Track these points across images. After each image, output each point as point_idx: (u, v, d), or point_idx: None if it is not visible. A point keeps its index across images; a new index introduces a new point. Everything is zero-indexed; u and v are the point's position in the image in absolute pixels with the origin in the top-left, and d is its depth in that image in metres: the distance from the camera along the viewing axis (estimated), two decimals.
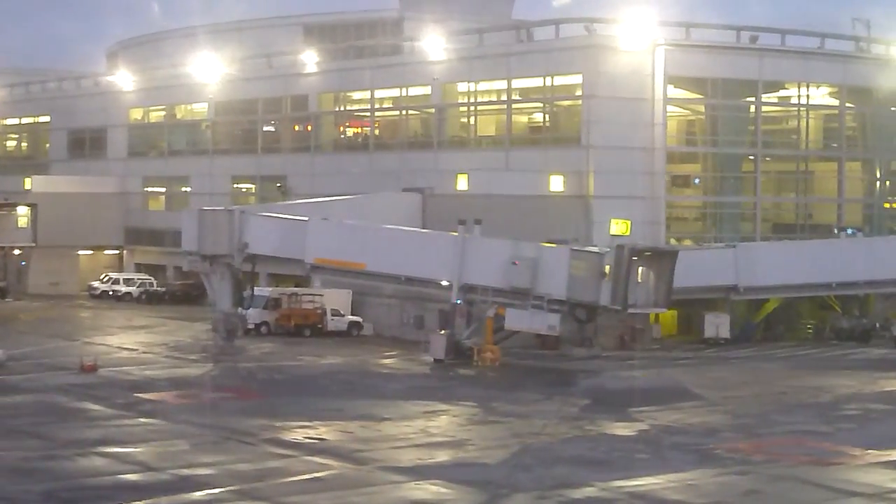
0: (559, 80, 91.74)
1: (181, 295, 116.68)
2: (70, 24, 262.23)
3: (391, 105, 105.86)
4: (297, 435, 52.48)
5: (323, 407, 59.60)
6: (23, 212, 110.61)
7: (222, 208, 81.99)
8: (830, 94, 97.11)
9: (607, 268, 70.57)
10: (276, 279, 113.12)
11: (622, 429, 55.49)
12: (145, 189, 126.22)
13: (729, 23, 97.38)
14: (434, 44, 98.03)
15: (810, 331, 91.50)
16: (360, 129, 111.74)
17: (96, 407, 58.96)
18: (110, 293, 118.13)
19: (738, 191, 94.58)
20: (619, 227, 74.22)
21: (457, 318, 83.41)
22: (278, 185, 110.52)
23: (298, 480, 44.16)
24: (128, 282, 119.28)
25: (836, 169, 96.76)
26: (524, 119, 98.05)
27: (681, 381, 70.79)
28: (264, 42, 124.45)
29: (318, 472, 45.65)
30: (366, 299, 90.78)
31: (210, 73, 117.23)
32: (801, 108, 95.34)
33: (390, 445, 51.01)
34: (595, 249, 72.80)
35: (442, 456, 48.78)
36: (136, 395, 62.60)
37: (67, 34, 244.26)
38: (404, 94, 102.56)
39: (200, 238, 79.56)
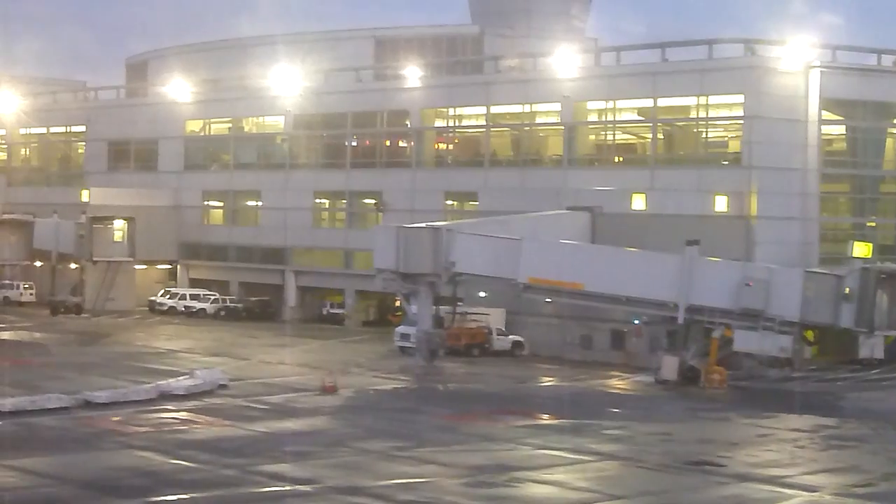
0: (714, 100, 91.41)
1: (259, 311, 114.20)
2: (74, 34, 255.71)
3: (511, 122, 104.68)
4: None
5: (646, 430, 58.70)
6: (119, 225, 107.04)
7: (424, 225, 79.96)
8: None
9: (847, 289, 70.62)
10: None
11: None
12: (205, 203, 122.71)
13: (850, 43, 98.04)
14: (564, 61, 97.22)
15: None
16: (444, 145, 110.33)
17: (424, 431, 57.21)
18: (181, 309, 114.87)
19: (873, 212, 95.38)
20: (861, 249, 74.43)
21: (634, 338, 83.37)
22: (375, 201, 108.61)
23: None
24: (195, 297, 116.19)
25: None
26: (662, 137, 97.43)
27: None
28: (330, 56, 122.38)
29: (785, 500, 44.88)
30: (518, 318, 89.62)
31: (286, 85, 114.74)
32: None
33: (800, 471, 50.39)
34: (829, 271, 72.88)
35: (880, 483, 48.17)
36: (433, 415, 60.97)
37: (71, 44, 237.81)
38: (526, 110, 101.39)
39: (399, 256, 77.74)
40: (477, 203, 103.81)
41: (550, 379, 77.26)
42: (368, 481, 45.81)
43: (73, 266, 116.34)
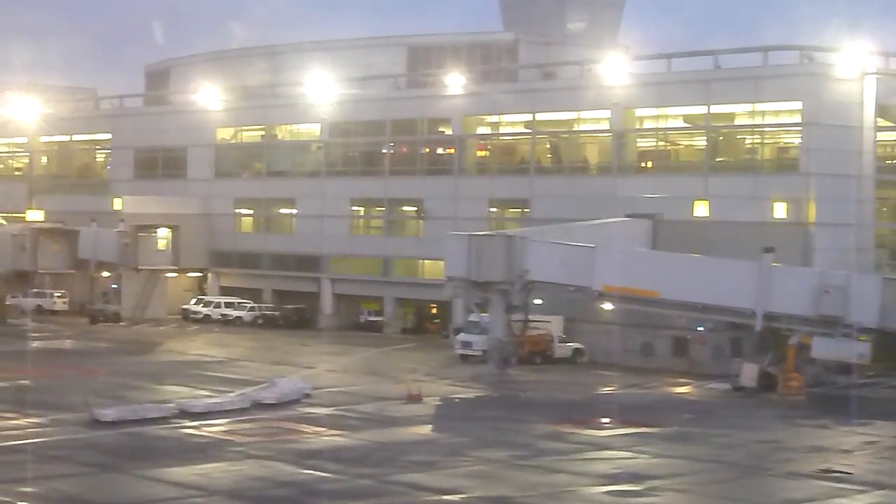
0: (771, 107, 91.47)
1: (296, 319, 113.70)
2: (72, 42, 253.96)
3: (556, 129, 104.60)
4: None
5: (753, 438, 58.74)
6: (163, 234, 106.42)
7: (497, 233, 79.85)
8: None
9: None
10: None
11: None
12: (235, 211, 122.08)
13: None
14: (614, 68, 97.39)
15: None
16: (483, 152, 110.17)
17: (533, 440, 56.97)
18: (217, 317, 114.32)
19: None
20: None
21: (697, 345, 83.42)
22: (416, 208, 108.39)
23: None
24: (230, 305, 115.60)
25: None
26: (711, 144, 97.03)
27: None
28: (362, 63, 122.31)
29: None
30: (575, 325, 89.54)
31: (321, 92, 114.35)
32: None
33: None
34: None
35: None
36: (532, 424, 60.65)
37: (71, 51, 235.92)
38: (573, 117, 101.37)
39: (471, 264, 77.52)
40: (519, 210, 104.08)
41: (618, 386, 76.82)
42: (511, 491, 45.60)
43: (105, 274, 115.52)
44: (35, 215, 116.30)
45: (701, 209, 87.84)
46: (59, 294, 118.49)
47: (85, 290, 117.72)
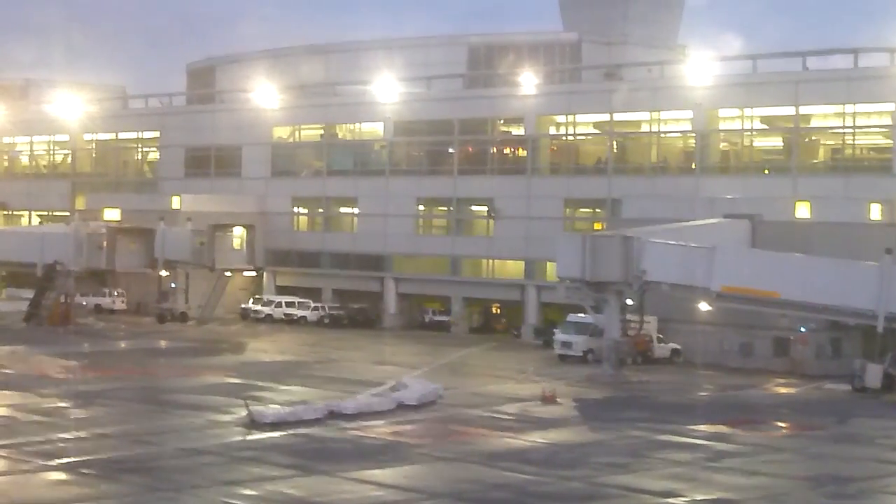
0: (862, 108, 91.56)
1: (361, 319, 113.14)
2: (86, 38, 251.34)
3: (633, 129, 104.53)
4: None
5: None
6: (238, 233, 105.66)
7: (614, 233, 79.65)
8: None
9: None
10: None
11: None
12: (294, 209, 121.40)
13: None
14: (698, 68, 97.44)
15: None
16: (553, 149, 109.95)
17: (703, 443, 56.78)
18: (280, 317, 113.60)
19: None
20: None
21: (799, 345, 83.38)
22: (486, 208, 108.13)
23: None
24: (291, 304, 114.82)
25: None
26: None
27: None
28: (421, 62, 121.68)
29: None
30: (669, 325, 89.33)
31: (384, 91, 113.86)
32: None
33: None
34: None
35: None
36: (683, 425, 60.39)
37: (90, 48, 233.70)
38: (654, 117, 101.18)
39: (586, 265, 77.30)
40: (590, 210, 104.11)
41: (733, 387, 76.58)
42: (727, 494, 45.42)
43: (163, 273, 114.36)
44: (112, 214, 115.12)
45: (802, 210, 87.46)
46: (117, 293, 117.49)
47: (142, 289, 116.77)
